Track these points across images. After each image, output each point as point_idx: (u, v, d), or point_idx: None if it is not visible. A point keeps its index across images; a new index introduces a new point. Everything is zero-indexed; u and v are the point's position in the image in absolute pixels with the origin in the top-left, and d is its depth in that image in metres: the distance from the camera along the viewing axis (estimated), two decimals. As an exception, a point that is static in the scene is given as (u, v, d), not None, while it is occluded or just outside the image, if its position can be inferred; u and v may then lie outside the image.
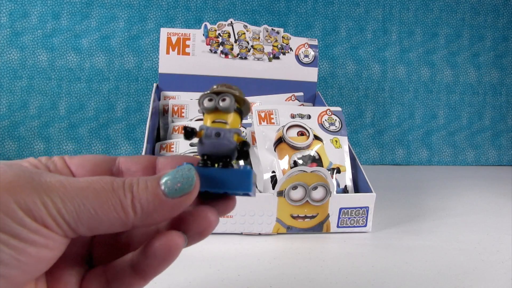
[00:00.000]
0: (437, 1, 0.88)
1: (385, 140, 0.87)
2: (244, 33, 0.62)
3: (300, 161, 0.46)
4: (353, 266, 0.36)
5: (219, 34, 0.61)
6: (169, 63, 0.60)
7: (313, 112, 0.51)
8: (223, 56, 0.61)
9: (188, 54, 0.61)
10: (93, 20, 0.75)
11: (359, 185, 0.47)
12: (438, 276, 0.34)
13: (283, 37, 0.63)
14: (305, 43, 0.63)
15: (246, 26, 0.62)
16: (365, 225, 0.44)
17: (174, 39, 0.60)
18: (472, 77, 0.91)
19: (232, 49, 0.61)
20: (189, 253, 0.19)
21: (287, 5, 0.82)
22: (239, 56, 0.62)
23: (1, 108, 0.72)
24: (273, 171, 0.45)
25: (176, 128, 0.53)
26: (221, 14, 0.80)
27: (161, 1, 0.77)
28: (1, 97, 0.72)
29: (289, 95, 0.62)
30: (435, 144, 0.90)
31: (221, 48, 0.61)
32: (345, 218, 0.43)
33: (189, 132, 0.19)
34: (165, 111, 0.57)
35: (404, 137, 0.88)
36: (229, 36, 0.61)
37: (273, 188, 0.43)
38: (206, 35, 0.61)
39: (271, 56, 0.62)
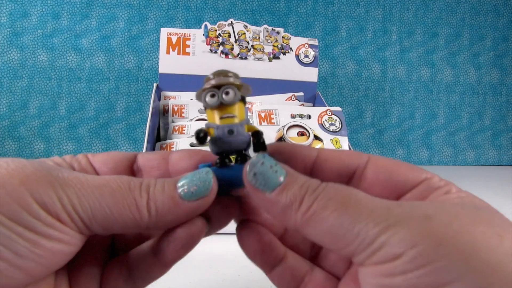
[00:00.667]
0: (437, 1, 0.88)
1: (385, 140, 0.87)
2: (244, 33, 0.62)
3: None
4: (353, 266, 0.36)
5: (219, 34, 0.61)
6: (169, 63, 0.60)
7: (313, 112, 0.51)
8: (223, 56, 0.61)
9: (188, 54, 0.61)
10: (93, 20, 0.75)
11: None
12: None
13: (283, 37, 0.63)
14: (305, 43, 0.63)
15: (246, 26, 0.62)
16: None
17: (174, 39, 0.60)
18: (472, 77, 0.91)
19: (232, 49, 0.61)
20: (189, 253, 0.19)
21: (287, 5, 0.82)
22: (239, 56, 0.62)
23: (1, 108, 0.72)
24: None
25: (176, 128, 0.53)
26: (221, 14, 0.80)
27: (161, 1, 0.77)
28: (1, 97, 0.72)
29: (289, 95, 0.62)
30: (435, 144, 0.90)
31: (221, 48, 0.61)
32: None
33: (202, 137, 0.19)
34: (165, 111, 0.57)
35: (404, 137, 0.88)
36: (229, 36, 0.61)
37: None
38: (206, 35, 0.61)
39: (271, 56, 0.62)
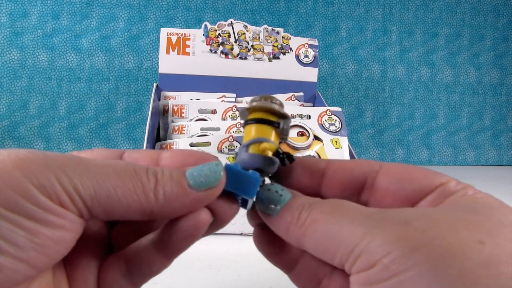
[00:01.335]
0: (437, 1, 0.88)
1: (385, 140, 0.87)
2: (244, 33, 0.62)
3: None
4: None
5: (219, 34, 0.61)
6: (169, 63, 0.60)
7: (313, 112, 0.51)
8: (223, 56, 0.61)
9: (188, 54, 0.60)
10: (93, 20, 0.75)
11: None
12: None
13: (283, 37, 0.63)
14: (305, 43, 0.63)
15: (246, 26, 0.62)
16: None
17: (174, 39, 0.60)
18: (472, 77, 0.91)
19: (232, 49, 0.61)
20: (189, 253, 0.19)
21: (287, 5, 0.82)
22: (239, 56, 0.62)
23: (1, 108, 0.72)
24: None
25: (176, 128, 0.53)
26: (221, 14, 0.80)
27: (161, 1, 0.77)
28: (1, 97, 0.72)
29: (289, 95, 0.62)
30: (435, 144, 0.90)
31: (221, 48, 0.61)
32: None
33: (293, 158, 0.20)
34: (165, 111, 0.57)
35: (404, 137, 0.88)
36: (229, 36, 0.61)
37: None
38: (206, 35, 0.61)
39: (271, 56, 0.62)
